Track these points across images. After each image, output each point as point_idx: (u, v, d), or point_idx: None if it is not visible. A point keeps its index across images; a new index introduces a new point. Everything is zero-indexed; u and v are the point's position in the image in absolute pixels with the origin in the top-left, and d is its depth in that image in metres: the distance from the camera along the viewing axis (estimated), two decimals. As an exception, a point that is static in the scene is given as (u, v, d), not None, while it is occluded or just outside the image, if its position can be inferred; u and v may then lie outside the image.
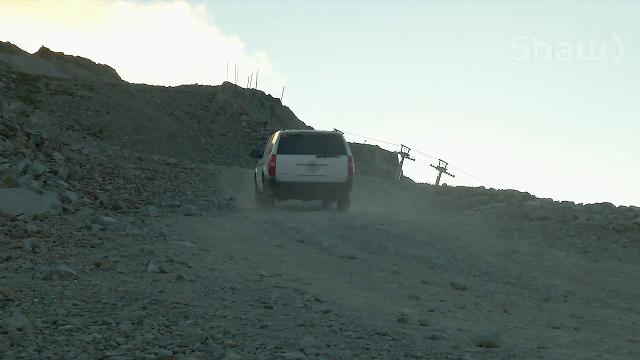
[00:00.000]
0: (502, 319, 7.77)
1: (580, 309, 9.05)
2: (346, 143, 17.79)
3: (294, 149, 17.27)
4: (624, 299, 10.39)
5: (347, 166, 17.20)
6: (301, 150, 17.27)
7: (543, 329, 7.27)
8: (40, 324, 5.23)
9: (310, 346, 5.06)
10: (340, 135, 18.60)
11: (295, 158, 17.12)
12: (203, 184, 22.67)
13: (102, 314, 5.73)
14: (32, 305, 5.86)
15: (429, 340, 5.72)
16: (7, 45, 49.84)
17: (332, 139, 17.96)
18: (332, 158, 17.21)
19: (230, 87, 45.81)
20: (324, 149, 17.33)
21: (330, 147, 17.41)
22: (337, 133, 19.03)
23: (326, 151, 17.29)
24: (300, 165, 17.09)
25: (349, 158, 17.29)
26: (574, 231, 15.74)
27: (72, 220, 11.30)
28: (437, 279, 10.76)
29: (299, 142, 17.56)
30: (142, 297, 6.38)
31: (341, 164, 17.23)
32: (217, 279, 7.94)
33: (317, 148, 17.34)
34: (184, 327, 5.45)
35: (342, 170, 17.19)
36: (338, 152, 17.33)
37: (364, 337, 5.61)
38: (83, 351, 4.65)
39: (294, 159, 17.12)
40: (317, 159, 17.09)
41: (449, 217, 18.88)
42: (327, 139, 18.06)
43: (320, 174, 17.15)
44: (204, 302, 6.47)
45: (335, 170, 17.20)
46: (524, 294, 10.11)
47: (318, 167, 17.13)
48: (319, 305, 6.98)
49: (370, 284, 9.48)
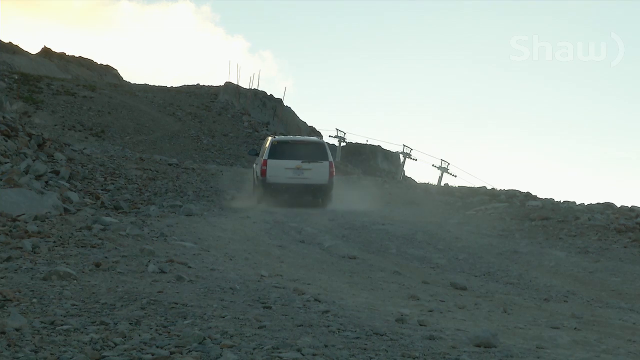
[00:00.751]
0: (502, 319, 7.76)
1: (580, 309, 9.04)
2: (328, 150, 20.29)
3: (282, 154, 19.67)
4: (624, 299, 10.37)
5: (328, 170, 19.73)
6: (289, 155, 19.68)
7: (542, 329, 7.25)
8: (38, 324, 5.23)
9: (307, 346, 5.06)
10: (323, 143, 21.05)
11: (284, 163, 19.50)
12: (205, 184, 22.66)
13: (100, 314, 5.74)
14: (31, 305, 5.87)
15: (427, 341, 5.72)
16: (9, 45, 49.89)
17: (316, 146, 20.36)
18: (316, 163, 19.70)
19: (232, 88, 45.82)
20: (308, 155, 19.81)
21: (314, 154, 19.89)
22: (320, 141, 21.39)
23: (310, 157, 19.79)
24: (288, 169, 19.53)
25: (330, 163, 19.83)
26: (575, 231, 15.71)
27: (73, 220, 11.31)
28: (437, 279, 10.76)
29: (287, 149, 19.99)
30: (140, 298, 6.38)
31: (323, 168, 19.71)
32: (216, 279, 7.95)
33: (302, 154, 19.81)
34: (182, 327, 5.46)
35: (324, 174, 19.68)
36: (321, 158, 19.82)
37: (361, 337, 5.61)
38: (80, 351, 4.66)
39: (283, 163, 19.49)
40: (302, 164, 19.59)
41: (451, 217, 18.86)
42: (312, 146, 20.44)
43: (305, 177, 19.63)
44: (202, 303, 6.48)
45: (318, 174, 19.66)
46: (525, 294, 10.10)
47: (303, 171, 19.59)
48: (318, 305, 6.99)
49: (370, 284, 9.48)
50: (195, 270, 8.36)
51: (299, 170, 19.58)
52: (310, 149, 20.08)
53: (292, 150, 19.92)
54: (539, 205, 18.80)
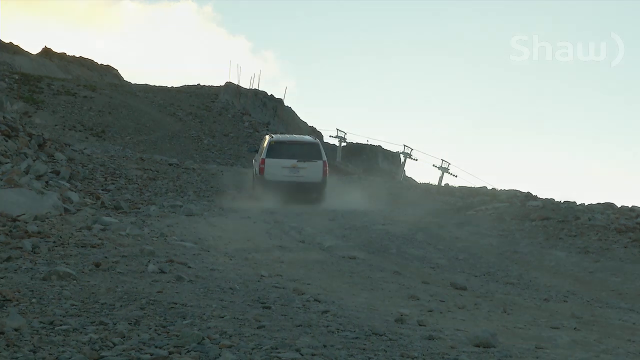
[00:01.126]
0: (502, 319, 7.76)
1: (580, 309, 9.04)
2: (322, 150, 21.23)
3: (279, 154, 20.65)
4: (625, 299, 10.37)
5: (322, 169, 20.71)
6: (285, 155, 20.67)
7: (542, 329, 7.26)
8: (37, 325, 5.23)
9: (306, 346, 5.06)
10: (317, 143, 21.84)
11: (281, 162, 20.49)
12: (205, 184, 22.65)
13: (99, 314, 5.74)
14: (30, 305, 5.86)
15: (426, 341, 5.72)
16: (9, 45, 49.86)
17: (311, 146, 21.29)
18: (310, 162, 20.67)
19: (232, 88, 45.76)
20: (304, 155, 20.80)
21: (309, 153, 20.87)
22: (315, 141, 22.16)
23: (306, 156, 20.76)
24: (285, 168, 20.52)
25: (324, 162, 20.77)
26: (575, 231, 15.70)
27: (73, 220, 11.31)
28: (437, 279, 10.76)
29: (284, 148, 20.95)
30: (140, 298, 6.38)
31: (317, 167, 20.69)
32: (216, 280, 7.94)
33: (298, 153, 20.80)
34: (181, 327, 5.45)
35: (318, 172, 20.66)
36: (315, 157, 20.75)
37: (361, 337, 5.61)
38: (78, 352, 4.65)
39: (280, 162, 20.49)
40: (298, 163, 20.56)
41: (451, 218, 18.85)
42: (307, 146, 21.35)
43: (300, 175, 20.58)
44: (202, 303, 6.47)
45: (313, 172, 20.64)
46: (525, 294, 10.10)
47: (299, 170, 20.57)
48: (318, 305, 6.98)
49: (370, 284, 9.47)
50: (195, 271, 8.36)
51: (295, 169, 20.50)
52: (306, 149, 21.02)
53: (288, 150, 20.87)
54: (540, 205, 18.78)
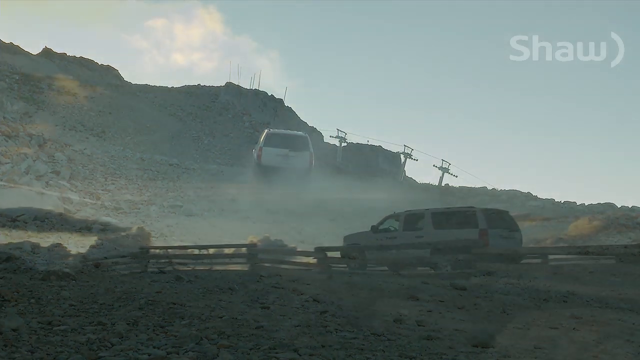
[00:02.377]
0: (501, 319, 7.74)
1: (579, 310, 9.01)
2: (310, 142, 25.67)
3: (275, 143, 24.89)
4: (624, 300, 10.35)
5: (309, 159, 25.15)
6: (280, 145, 24.95)
7: (541, 329, 7.24)
8: (35, 325, 5.22)
9: (304, 347, 5.05)
10: (306, 137, 26.33)
11: (275, 150, 24.65)
12: (205, 184, 22.67)
13: (98, 314, 5.73)
14: (29, 305, 5.86)
15: (425, 341, 5.70)
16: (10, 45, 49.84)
17: (301, 139, 25.80)
18: (300, 152, 24.96)
19: (233, 88, 45.73)
20: (295, 146, 25.09)
21: (299, 145, 25.26)
22: (305, 135, 26.58)
23: (296, 147, 25.08)
24: (278, 156, 24.60)
25: (310, 153, 25.24)
26: (575, 231, 15.71)
27: (73, 220, 11.32)
28: (437, 279, 10.75)
29: (279, 139, 25.24)
30: (139, 298, 6.38)
31: (305, 156, 25.07)
32: (215, 280, 7.95)
33: (290, 144, 25.12)
34: (179, 327, 5.44)
35: (305, 161, 25.04)
36: (304, 148, 25.20)
37: (359, 337, 5.59)
38: (76, 352, 4.64)
39: (275, 151, 24.65)
40: (289, 152, 24.75)
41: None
42: (298, 138, 25.87)
43: (291, 162, 24.62)
44: (201, 303, 6.47)
45: (301, 160, 24.94)
46: (524, 294, 10.08)
47: (290, 158, 24.71)
48: (317, 305, 6.98)
49: (370, 284, 9.47)
50: (195, 271, 8.36)
51: (287, 157, 24.57)
52: (297, 141, 25.33)
53: (282, 141, 25.08)
54: (540, 206, 18.79)
